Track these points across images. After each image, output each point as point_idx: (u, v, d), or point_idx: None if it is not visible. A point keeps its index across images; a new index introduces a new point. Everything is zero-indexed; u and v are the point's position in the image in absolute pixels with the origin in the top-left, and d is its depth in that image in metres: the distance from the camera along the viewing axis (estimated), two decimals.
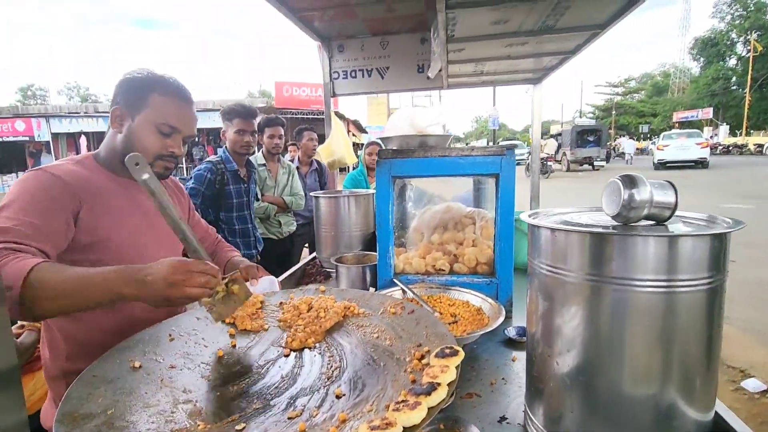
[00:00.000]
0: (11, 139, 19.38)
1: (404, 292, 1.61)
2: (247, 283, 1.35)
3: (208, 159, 2.50)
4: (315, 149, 3.47)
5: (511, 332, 1.48)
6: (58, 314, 0.88)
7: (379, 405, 0.67)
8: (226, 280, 0.97)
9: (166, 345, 0.91)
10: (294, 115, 18.02)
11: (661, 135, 21.75)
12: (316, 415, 0.69)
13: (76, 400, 0.69)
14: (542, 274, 0.89)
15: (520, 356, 1.33)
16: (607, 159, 23.09)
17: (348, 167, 3.67)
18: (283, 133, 3.09)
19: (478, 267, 1.75)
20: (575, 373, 0.84)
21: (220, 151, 2.60)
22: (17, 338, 1.71)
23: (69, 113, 18.84)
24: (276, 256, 3.06)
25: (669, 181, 0.81)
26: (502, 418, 1.04)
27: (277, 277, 1.53)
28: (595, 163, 21.28)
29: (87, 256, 1.06)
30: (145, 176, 0.91)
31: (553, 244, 0.86)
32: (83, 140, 17.90)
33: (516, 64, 2.03)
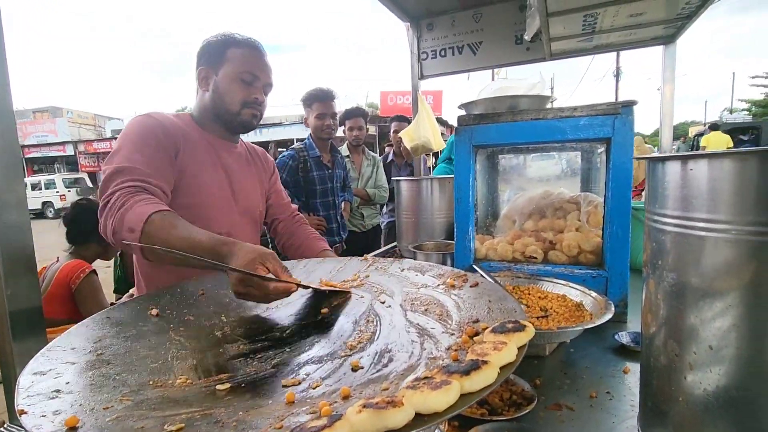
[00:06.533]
0: None
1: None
2: None
3: (291, 146, 2.54)
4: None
5: (624, 338, 1.14)
6: (168, 262, 0.98)
7: (400, 385, 0.48)
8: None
9: (193, 299, 0.84)
10: None
11: None
12: (317, 386, 0.52)
13: (74, 336, 0.62)
14: (667, 233, 0.60)
15: (635, 369, 1.00)
16: None
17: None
18: (363, 125, 3.04)
19: (581, 256, 1.41)
20: (725, 389, 0.53)
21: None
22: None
23: None
24: (359, 249, 2.99)
25: None
26: None
27: None
28: None
29: (179, 200, 1.13)
30: None
31: (686, 182, 0.56)
32: None
33: (640, 11, 1.64)
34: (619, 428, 0.79)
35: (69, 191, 18.95)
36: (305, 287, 0.82)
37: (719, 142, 11.71)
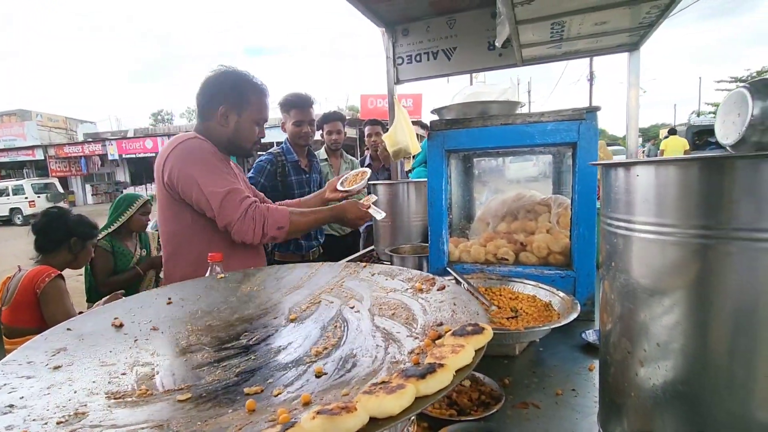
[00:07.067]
0: (142, 155, 22.76)
1: (458, 282, 1.39)
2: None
3: (269, 150, 2.51)
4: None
5: (590, 336, 1.18)
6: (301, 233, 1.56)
7: (360, 389, 0.48)
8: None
9: (159, 308, 0.83)
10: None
11: None
12: (279, 393, 0.52)
13: (31, 350, 0.61)
14: (618, 235, 0.63)
15: None
16: None
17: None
18: (341, 128, 3.04)
19: (551, 257, 1.45)
20: (672, 384, 0.56)
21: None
22: None
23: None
24: (337, 253, 2.98)
25: None
26: None
27: None
28: None
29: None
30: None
31: (635, 188, 0.59)
32: None
33: (604, 20, 1.70)
34: (582, 424, 0.82)
35: (39, 197, 18.27)
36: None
37: (677, 146, 12.30)
